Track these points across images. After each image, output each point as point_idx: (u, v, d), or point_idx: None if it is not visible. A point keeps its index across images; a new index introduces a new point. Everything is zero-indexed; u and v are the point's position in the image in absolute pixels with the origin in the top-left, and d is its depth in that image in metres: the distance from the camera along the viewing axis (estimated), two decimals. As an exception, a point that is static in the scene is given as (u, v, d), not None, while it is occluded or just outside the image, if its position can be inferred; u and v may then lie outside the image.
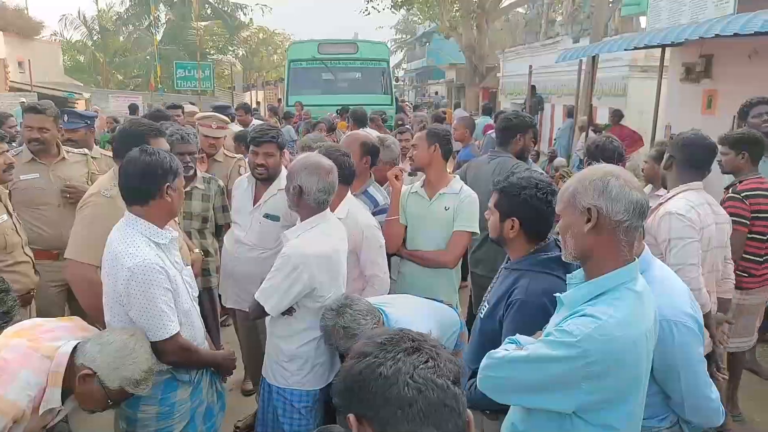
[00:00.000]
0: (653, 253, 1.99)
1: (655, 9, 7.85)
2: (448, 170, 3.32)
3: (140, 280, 1.98)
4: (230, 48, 34.28)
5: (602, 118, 10.61)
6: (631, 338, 1.43)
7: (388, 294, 2.80)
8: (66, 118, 3.72)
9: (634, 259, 1.52)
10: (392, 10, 22.83)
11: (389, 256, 3.00)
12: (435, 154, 2.98)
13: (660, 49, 7.42)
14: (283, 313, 2.39)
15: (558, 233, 1.65)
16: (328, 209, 2.49)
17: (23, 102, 15.30)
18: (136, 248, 2.01)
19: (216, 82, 24.87)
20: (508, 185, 1.95)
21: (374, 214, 3.05)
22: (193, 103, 11.65)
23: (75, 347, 1.87)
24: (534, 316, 1.81)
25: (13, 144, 3.78)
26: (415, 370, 0.94)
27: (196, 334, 2.26)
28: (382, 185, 3.38)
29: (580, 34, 13.14)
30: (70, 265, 2.45)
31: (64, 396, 1.86)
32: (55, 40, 30.54)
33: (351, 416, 0.98)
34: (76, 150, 3.51)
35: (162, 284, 2.02)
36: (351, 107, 8.49)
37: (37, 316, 3.01)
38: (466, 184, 3.13)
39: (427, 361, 0.96)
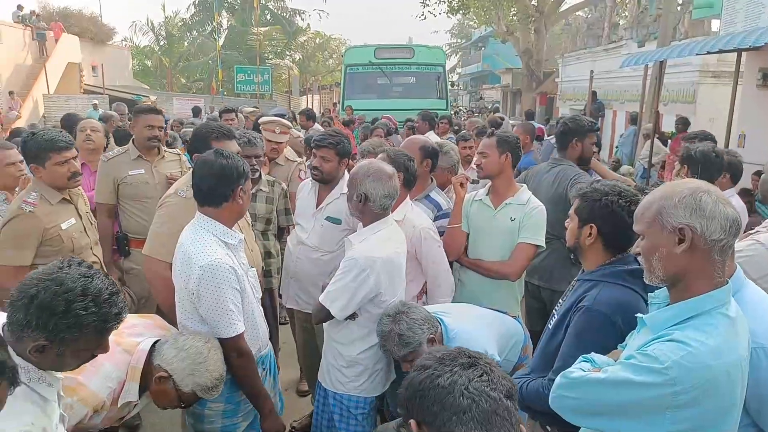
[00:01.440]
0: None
1: (729, 11, 7.46)
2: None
3: (211, 279, 2.03)
4: (287, 53, 35.08)
5: (668, 125, 10.17)
6: (724, 367, 1.33)
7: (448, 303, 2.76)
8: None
9: (727, 281, 1.42)
10: (448, 14, 22.74)
11: (451, 264, 2.96)
12: (506, 162, 2.90)
13: (735, 54, 7.04)
14: (346, 318, 2.39)
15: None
16: (390, 214, 2.49)
17: (96, 103, 16.23)
18: (208, 248, 2.06)
19: (273, 86, 25.50)
20: (590, 191, 1.90)
21: (437, 218, 3.03)
22: (255, 107, 11.96)
23: (153, 345, 1.94)
24: (597, 327, 1.74)
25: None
26: (470, 383, 1.05)
27: (260, 335, 2.29)
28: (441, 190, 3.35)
29: (645, 38, 12.66)
30: (147, 262, 2.55)
31: (140, 391, 1.92)
32: (125, 45, 32.23)
33: (412, 422, 1.09)
34: (170, 149, 3.76)
35: (231, 284, 2.07)
36: (402, 111, 8.55)
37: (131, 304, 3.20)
38: None
39: (481, 375, 1.06)
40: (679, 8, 12.16)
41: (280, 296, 3.51)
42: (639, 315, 1.52)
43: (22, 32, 20.51)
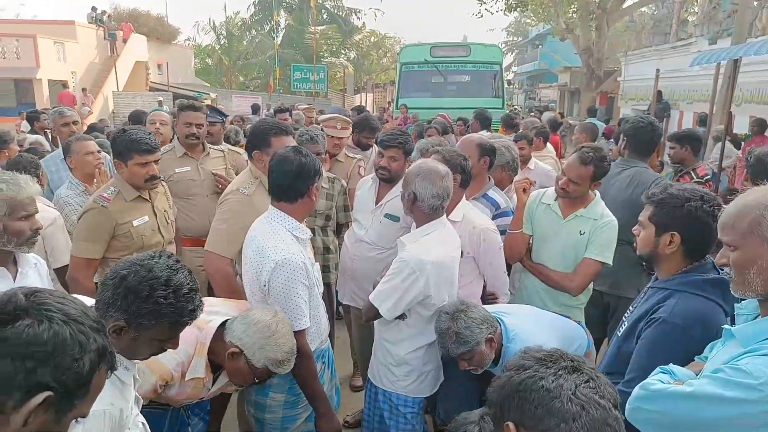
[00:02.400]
0: None
1: (815, 5, 6.93)
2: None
3: (284, 274, 2.08)
4: (342, 51, 35.46)
5: (740, 126, 9.60)
6: None
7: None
8: (208, 112, 4.04)
9: None
10: (505, 12, 22.32)
11: (509, 266, 2.90)
12: (593, 188, 2.76)
13: (820, 51, 6.55)
14: (395, 318, 2.39)
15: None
16: (444, 215, 2.46)
17: (160, 100, 16.92)
18: (283, 242, 2.11)
19: (328, 85, 25.85)
20: (668, 197, 1.80)
21: (495, 217, 2.97)
22: (310, 104, 12.17)
23: (224, 323, 1.99)
24: (673, 340, 1.66)
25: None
26: (577, 388, 0.98)
27: (322, 329, 2.33)
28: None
29: (717, 35, 12.01)
30: (209, 257, 2.62)
31: (216, 370, 1.98)
32: (188, 44, 33.49)
33: (510, 424, 1.02)
34: (215, 146, 3.79)
35: (302, 280, 2.12)
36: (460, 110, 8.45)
37: None
38: None
39: (588, 381, 1.00)
40: (756, 3, 11.46)
41: (337, 292, 3.56)
42: (726, 327, 1.44)
43: (95, 32, 21.68)
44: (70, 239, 2.85)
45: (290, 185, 2.15)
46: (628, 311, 2.00)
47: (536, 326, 2.30)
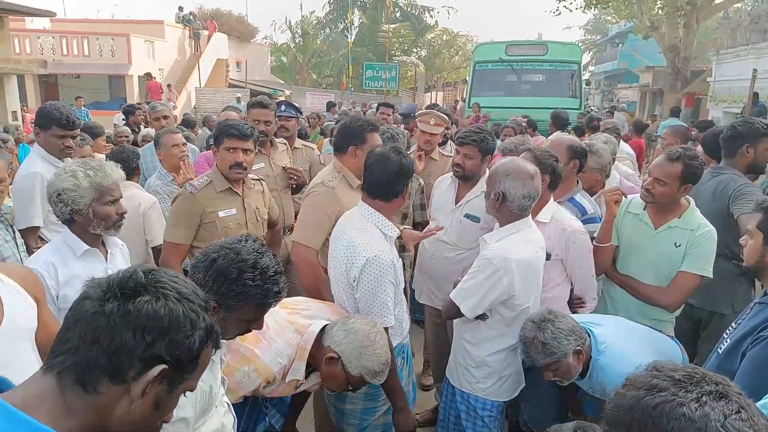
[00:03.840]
0: None
1: None
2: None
3: (373, 271, 2.11)
4: (414, 50, 35.46)
5: None
6: None
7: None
8: (283, 107, 4.16)
9: None
10: (584, 9, 21.50)
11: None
12: (684, 192, 2.54)
13: None
14: (476, 318, 2.36)
15: None
16: (530, 215, 2.40)
17: (239, 96, 17.62)
18: (374, 240, 2.15)
19: (399, 83, 25.93)
20: None
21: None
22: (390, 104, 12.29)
23: (323, 328, 2.03)
24: None
25: None
26: (726, 419, 0.85)
27: (403, 325, 2.34)
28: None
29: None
30: (296, 248, 2.69)
31: (309, 372, 2.04)
32: (265, 43, 34.62)
33: None
34: (279, 140, 3.88)
35: (390, 278, 2.15)
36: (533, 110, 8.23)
37: None
38: None
39: (738, 412, 0.87)
40: None
41: (413, 290, 3.56)
42: None
43: (181, 31, 22.87)
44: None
45: (389, 184, 2.19)
46: (730, 328, 1.87)
47: (629, 339, 2.19)
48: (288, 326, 1.99)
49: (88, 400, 0.84)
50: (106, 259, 2.15)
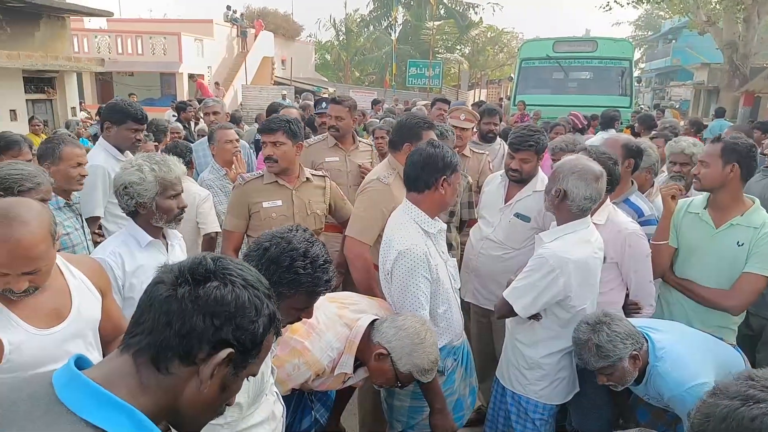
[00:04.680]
0: None
1: None
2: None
3: (405, 264, 2.11)
4: (458, 47, 35.16)
5: None
6: None
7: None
8: (323, 104, 4.22)
9: None
10: (635, 4, 20.80)
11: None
12: (732, 175, 2.44)
13: None
14: (530, 318, 2.31)
15: None
16: (589, 216, 2.33)
17: (284, 94, 17.89)
18: (408, 233, 2.15)
19: (442, 80, 25.76)
20: None
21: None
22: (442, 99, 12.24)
23: (372, 323, 2.04)
24: None
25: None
26: None
27: (454, 325, 2.32)
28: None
29: None
30: (348, 242, 2.72)
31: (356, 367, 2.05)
32: (309, 41, 35.04)
33: None
34: (365, 140, 3.98)
35: (423, 272, 2.13)
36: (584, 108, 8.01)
37: None
38: None
39: None
40: None
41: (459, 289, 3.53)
42: None
43: (229, 30, 23.41)
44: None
45: (417, 176, 2.19)
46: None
47: (688, 346, 2.11)
48: (337, 320, 2.01)
49: (161, 379, 0.87)
50: (167, 251, 2.23)
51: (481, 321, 3.26)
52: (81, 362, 0.89)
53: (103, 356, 1.73)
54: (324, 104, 4.23)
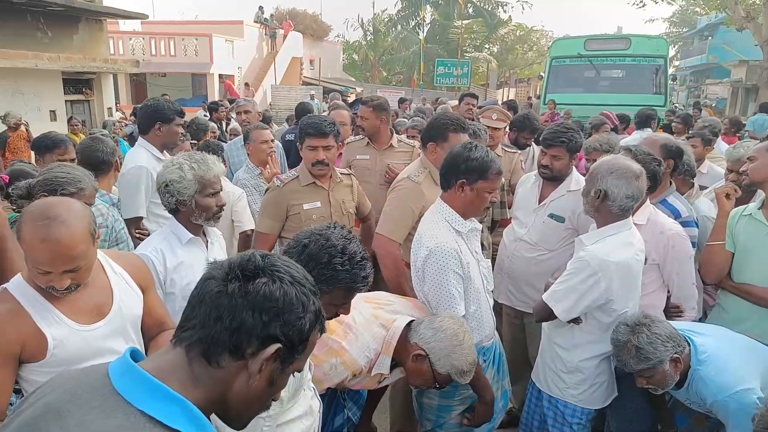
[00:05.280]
0: None
1: None
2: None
3: (435, 261, 2.12)
4: (486, 46, 34.87)
5: None
6: None
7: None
8: (359, 105, 4.25)
9: None
10: (669, 1, 20.32)
11: (707, 285, 2.63)
12: None
13: None
14: (569, 321, 2.28)
15: None
16: (630, 217, 2.29)
17: (313, 94, 18.03)
18: (438, 231, 2.16)
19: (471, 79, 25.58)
20: None
21: (675, 227, 2.72)
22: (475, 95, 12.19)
23: (409, 324, 2.05)
24: None
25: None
26: None
27: (484, 325, 2.31)
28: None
29: None
30: (379, 239, 2.73)
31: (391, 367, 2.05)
32: (337, 41, 35.22)
33: None
34: (406, 140, 3.98)
35: (454, 268, 2.13)
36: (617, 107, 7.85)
37: None
38: None
39: None
40: None
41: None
42: None
43: (259, 30, 23.71)
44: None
45: (443, 174, 2.23)
46: None
47: (733, 351, 2.06)
48: (374, 320, 2.02)
49: (212, 372, 0.89)
50: (207, 248, 2.27)
51: (514, 323, 3.23)
52: (135, 355, 0.92)
53: (145, 352, 1.77)
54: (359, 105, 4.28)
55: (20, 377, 1.56)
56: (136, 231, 2.86)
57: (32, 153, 5.37)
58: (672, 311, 2.48)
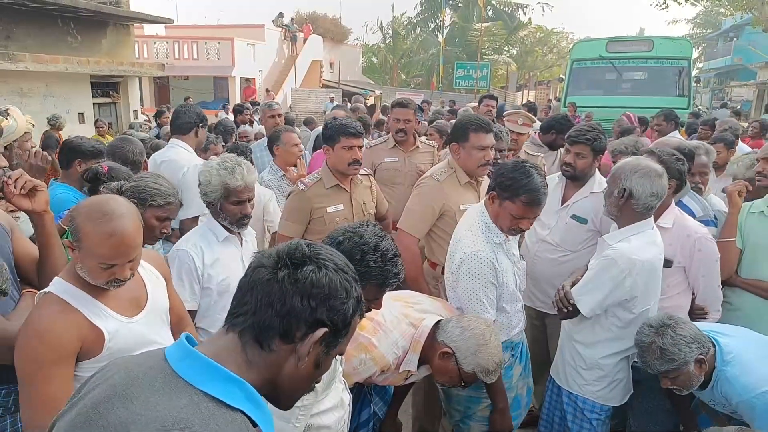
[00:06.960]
0: None
1: None
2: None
3: (470, 268, 2.16)
4: (506, 48, 34.72)
5: None
6: None
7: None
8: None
9: None
10: (693, 2, 20.00)
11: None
12: None
13: None
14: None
15: None
16: (652, 217, 2.32)
17: (332, 97, 18.15)
18: (476, 238, 2.21)
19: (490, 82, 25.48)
20: None
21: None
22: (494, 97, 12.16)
23: (437, 323, 2.10)
24: None
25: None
26: None
27: (513, 323, 2.35)
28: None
29: None
30: (400, 235, 2.81)
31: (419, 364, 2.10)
32: (357, 44, 35.36)
33: None
34: (426, 141, 4.03)
35: (488, 277, 2.17)
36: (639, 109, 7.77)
37: None
38: None
39: None
40: None
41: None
42: None
43: (279, 34, 23.95)
44: None
45: (501, 183, 2.22)
46: None
47: (758, 351, 2.06)
48: (403, 318, 2.07)
49: (264, 356, 0.95)
50: (241, 245, 2.35)
51: (535, 324, 3.26)
52: (190, 340, 0.98)
53: None
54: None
55: (75, 377, 1.58)
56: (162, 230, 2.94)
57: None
58: (696, 313, 2.50)
